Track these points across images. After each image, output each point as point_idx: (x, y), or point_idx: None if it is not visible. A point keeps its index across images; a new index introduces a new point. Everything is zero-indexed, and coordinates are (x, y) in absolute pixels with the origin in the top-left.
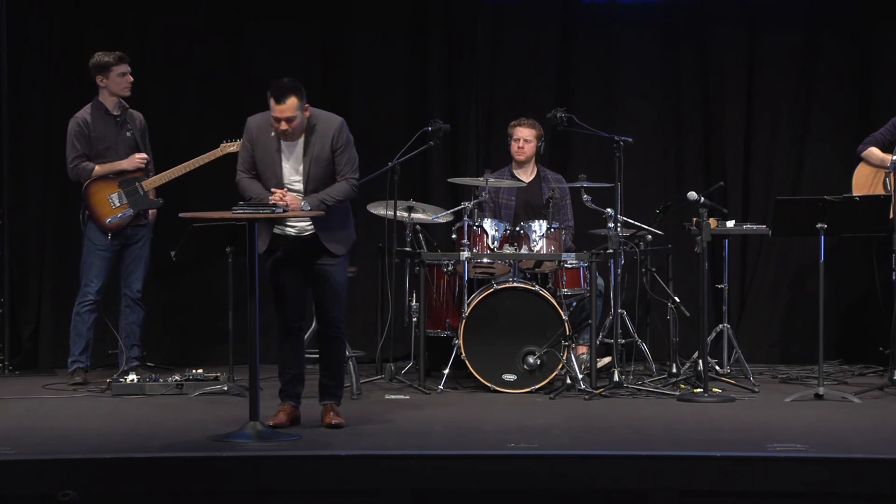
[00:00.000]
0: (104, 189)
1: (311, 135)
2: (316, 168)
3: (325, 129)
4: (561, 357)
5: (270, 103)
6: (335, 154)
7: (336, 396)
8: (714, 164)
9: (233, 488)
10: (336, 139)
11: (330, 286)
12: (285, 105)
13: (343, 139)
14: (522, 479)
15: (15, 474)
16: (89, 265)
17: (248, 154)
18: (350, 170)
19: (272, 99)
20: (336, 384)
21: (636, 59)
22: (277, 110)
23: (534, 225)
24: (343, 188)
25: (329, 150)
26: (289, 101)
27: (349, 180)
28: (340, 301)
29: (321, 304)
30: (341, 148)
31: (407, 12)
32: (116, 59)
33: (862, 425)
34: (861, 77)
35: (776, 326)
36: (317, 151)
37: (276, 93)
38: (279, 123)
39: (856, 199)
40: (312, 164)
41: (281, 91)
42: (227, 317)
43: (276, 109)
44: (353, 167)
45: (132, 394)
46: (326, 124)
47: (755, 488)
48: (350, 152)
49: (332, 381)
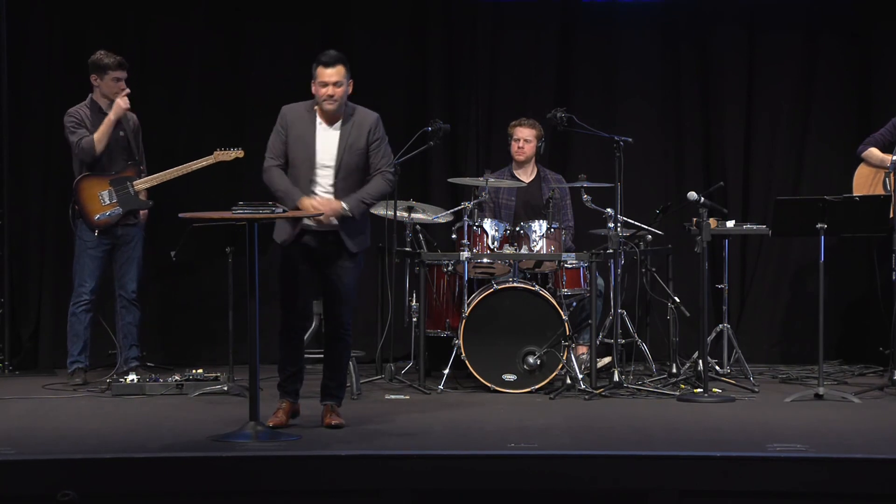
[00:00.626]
0: (95, 186)
1: (348, 123)
2: (350, 156)
3: (363, 120)
4: (561, 357)
5: (318, 71)
6: (370, 147)
7: (337, 398)
8: (714, 164)
9: (233, 488)
10: (373, 132)
11: (342, 287)
12: (335, 69)
13: (379, 133)
14: (522, 479)
15: (15, 474)
16: (82, 265)
17: (281, 140)
18: (386, 164)
19: (321, 65)
20: (338, 385)
21: (636, 59)
22: (325, 74)
23: (534, 225)
24: (379, 185)
25: (365, 141)
26: (337, 66)
27: (384, 174)
28: (350, 303)
29: (331, 304)
30: (377, 141)
31: (407, 12)
32: (115, 64)
33: (862, 425)
34: (861, 77)
35: (776, 326)
36: (352, 140)
37: (326, 58)
38: (325, 88)
39: (856, 199)
40: (346, 151)
41: (330, 57)
42: (227, 317)
43: (325, 74)
44: (389, 162)
45: (132, 394)
46: (364, 116)
47: (755, 488)
48: (386, 147)
49: (335, 382)
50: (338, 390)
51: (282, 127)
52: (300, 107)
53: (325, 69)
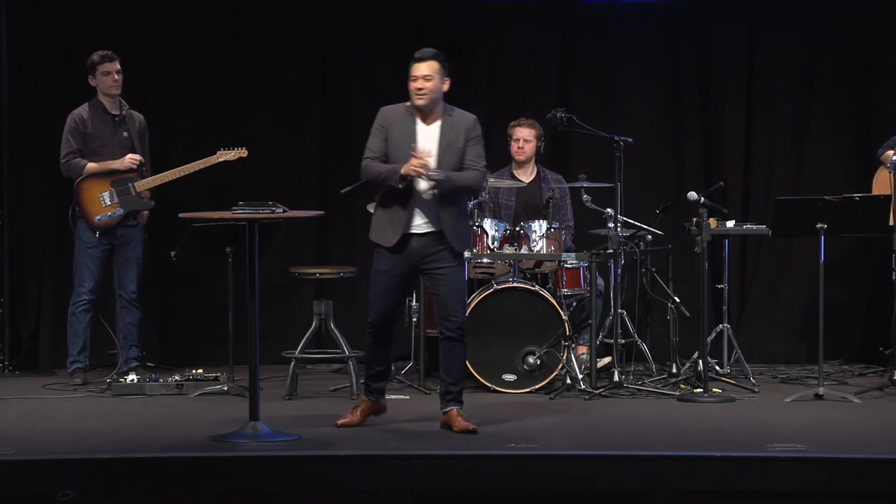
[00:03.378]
0: (96, 187)
1: (446, 123)
2: (449, 155)
3: (461, 120)
4: (561, 357)
5: (412, 67)
6: (468, 144)
7: (459, 402)
8: (714, 164)
9: (233, 488)
10: (470, 130)
11: (452, 287)
12: (427, 63)
13: (477, 132)
14: (522, 479)
15: (15, 474)
16: (81, 266)
17: (381, 139)
18: (480, 164)
19: (414, 62)
20: (459, 389)
21: (636, 59)
22: (419, 67)
23: (534, 225)
24: (471, 175)
25: (463, 139)
26: (430, 61)
27: (480, 171)
28: (463, 302)
29: (443, 306)
30: (474, 139)
31: (407, 12)
32: (100, 59)
33: (862, 425)
34: (861, 77)
35: (776, 326)
36: (451, 139)
37: (419, 54)
38: (416, 82)
39: (856, 198)
40: (446, 150)
41: (424, 52)
42: (227, 317)
43: (416, 68)
44: (483, 162)
45: (132, 394)
46: (462, 116)
47: (755, 488)
48: (481, 147)
49: (456, 387)
50: (460, 395)
51: (381, 126)
52: (399, 108)
53: (417, 64)
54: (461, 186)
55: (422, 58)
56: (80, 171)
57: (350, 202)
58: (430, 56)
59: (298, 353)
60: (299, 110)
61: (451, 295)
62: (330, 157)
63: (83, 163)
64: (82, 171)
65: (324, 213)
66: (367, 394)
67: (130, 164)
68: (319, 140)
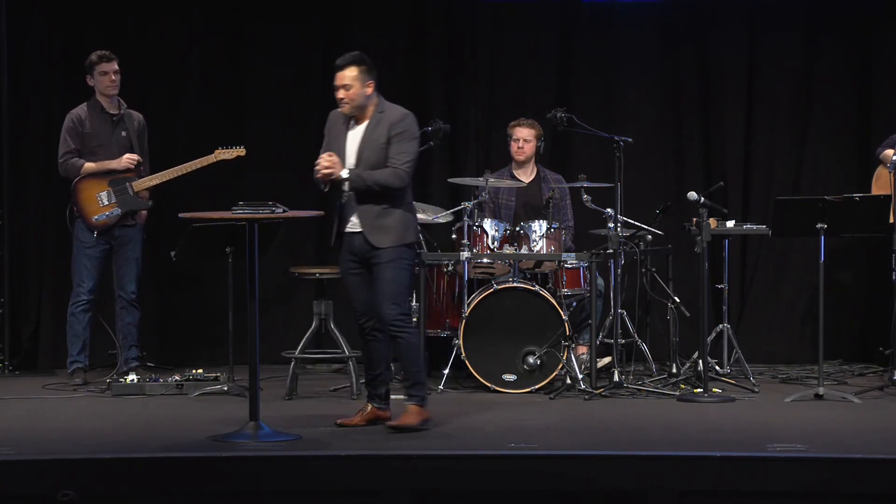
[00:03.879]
0: (93, 186)
1: (373, 121)
2: (370, 152)
3: (388, 117)
4: (561, 357)
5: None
6: (391, 140)
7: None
8: (714, 164)
9: (233, 488)
10: (394, 126)
11: (379, 283)
12: (344, 72)
13: (401, 128)
14: (522, 479)
15: (15, 474)
16: (80, 266)
17: (325, 143)
18: (400, 160)
19: (336, 68)
20: (411, 384)
21: (636, 59)
22: (337, 77)
23: (534, 225)
24: (387, 173)
25: (385, 137)
26: (348, 69)
27: (396, 168)
28: (390, 297)
29: (374, 302)
30: (397, 136)
31: (407, 12)
32: (98, 58)
33: (862, 425)
34: (861, 77)
35: (776, 326)
36: (373, 137)
37: (340, 61)
38: (337, 91)
39: (856, 199)
40: (365, 148)
41: (344, 59)
42: (227, 317)
43: (336, 77)
44: (406, 160)
45: (132, 394)
46: (392, 112)
47: (755, 488)
48: (406, 145)
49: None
50: (411, 389)
51: (327, 130)
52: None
53: (337, 73)
54: (371, 185)
55: (340, 66)
56: (77, 171)
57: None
58: (349, 62)
59: (298, 353)
60: (299, 110)
61: (379, 292)
62: None
63: (80, 163)
64: (80, 170)
65: (324, 213)
66: (368, 399)
67: (128, 163)
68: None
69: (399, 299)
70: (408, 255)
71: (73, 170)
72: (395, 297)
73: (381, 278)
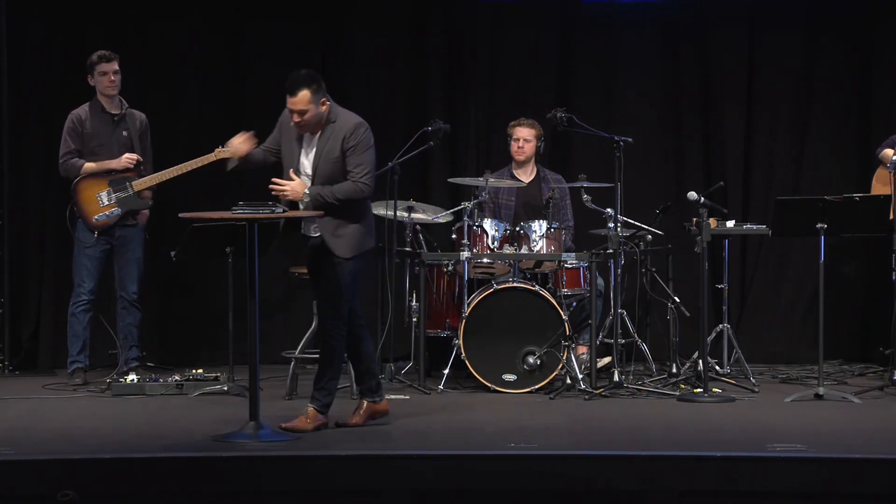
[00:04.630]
0: (94, 186)
1: (325, 133)
2: (324, 165)
3: (341, 128)
4: (561, 357)
5: (287, 99)
6: (346, 154)
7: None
8: (714, 164)
9: (233, 488)
10: (347, 139)
11: (324, 286)
12: (297, 98)
13: (355, 140)
14: (522, 479)
15: (15, 474)
16: (80, 266)
17: (276, 135)
18: (358, 173)
19: (287, 92)
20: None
21: (636, 60)
22: (290, 102)
23: (534, 225)
24: (348, 187)
25: (339, 149)
26: (300, 93)
27: (357, 182)
28: (329, 302)
29: (318, 304)
30: (352, 149)
31: (407, 12)
32: (98, 58)
33: (862, 425)
34: (861, 77)
35: (776, 326)
36: (327, 148)
37: (289, 85)
38: (292, 115)
39: (856, 199)
40: (321, 160)
41: (293, 83)
42: (227, 317)
43: (289, 101)
44: (364, 171)
45: (132, 394)
46: (344, 123)
47: (755, 488)
48: (363, 156)
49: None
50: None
51: (279, 127)
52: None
53: (289, 97)
54: (332, 201)
55: (292, 90)
56: (77, 171)
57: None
58: (300, 85)
59: (298, 353)
60: None
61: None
62: None
63: (81, 163)
64: (80, 171)
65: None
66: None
67: (127, 163)
68: None
69: (338, 305)
70: (364, 263)
71: (73, 170)
72: (335, 302)
73: (331, 282)
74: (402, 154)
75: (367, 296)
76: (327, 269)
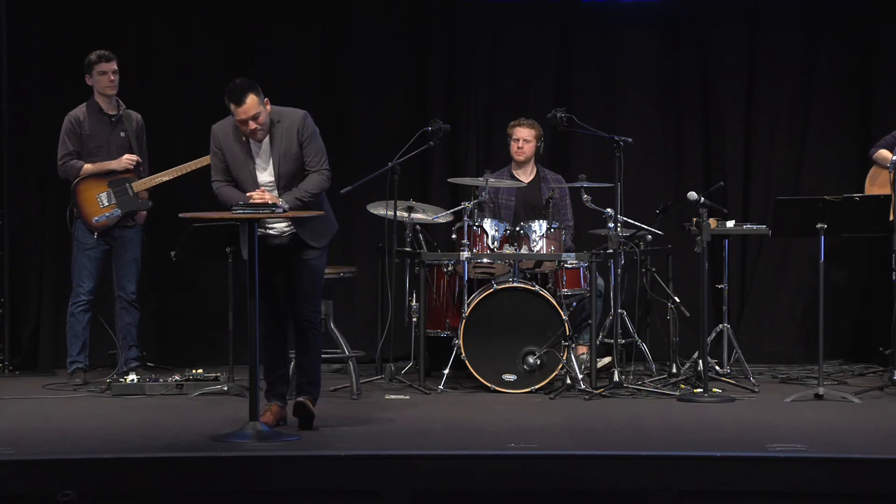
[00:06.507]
0: (93, 188)
1: (276, 133)
2: (286, 165)
3: (290, 124)
4: (561, 357)
5: (231, 108)
6: (302, 147)
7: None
8: (714, 164)
9: (233, 488)
10: (301, 132)
11: (305, 279)
12: (246, 105)
13: (308, 131)
14: (522, 479)
15: (15, 474)
16: (79, 266)
17: (220, 161)
18: (318, 161)
19: (232, 103)
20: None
21: (636, 59)
22: (241, 112)
23: (534, 225)
24: (316, 180)
25: (296, 144)
26: (248, 100)
27: (321, 172)
28: (313, 294)
29: (295, 297)
30: (307, 139)
31: (407, 12)
32: (97, 58)
33: (862, 425)
34: (861, 77)
35: (776, 326)
36: (284, 148)
37: (234, 95)
38: (246, 125)
39: (856, 199)
40: (281, 161)
41: (238, 93)
42: (227, 317)
43: (239, 112)
44: (322, 158)
45: (132, 394)
46: (290, 119)
47: (755, 488)
48: (317, 143)
49: (305, 379)
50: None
51: (217, 148)
52: (227, 126)
53: (237, 107)
54: (307, 200)
55: (239, 100)
56: (76, 172)
57: (350, 202)
58: (245, 92)
59: None
60: None
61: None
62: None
63: (80, 164)
64: (79, 172)
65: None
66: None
67: (127, 164)
68: None
69: (318, 296)
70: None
71: (72, 172)
72: (315, 295)
73: (309, 275)
74: (402, 154)
75: (367, 296)
76: (300, 265)
